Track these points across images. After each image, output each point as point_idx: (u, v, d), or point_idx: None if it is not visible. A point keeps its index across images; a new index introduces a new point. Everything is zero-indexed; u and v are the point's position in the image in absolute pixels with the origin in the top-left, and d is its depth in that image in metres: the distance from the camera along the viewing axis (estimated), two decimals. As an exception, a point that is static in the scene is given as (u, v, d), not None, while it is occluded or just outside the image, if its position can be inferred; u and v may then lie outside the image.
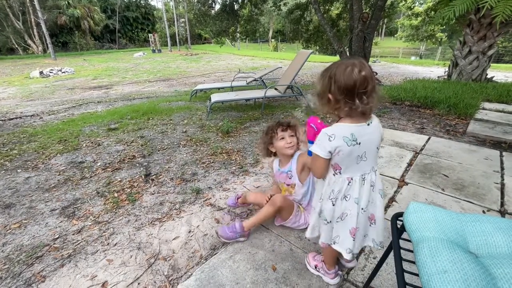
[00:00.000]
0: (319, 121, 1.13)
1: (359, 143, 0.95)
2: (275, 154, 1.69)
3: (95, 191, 2.23)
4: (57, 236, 1.71)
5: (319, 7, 7.57)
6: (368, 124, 0.97)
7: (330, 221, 1.09)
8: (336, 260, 1.28)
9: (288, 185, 1.65)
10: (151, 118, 4.27)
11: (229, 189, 2.20)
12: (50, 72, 12.38)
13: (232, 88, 5.67)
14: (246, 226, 1.54)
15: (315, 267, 1.33)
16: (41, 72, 12.13)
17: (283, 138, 1.58)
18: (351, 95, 0.89)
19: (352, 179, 1.02)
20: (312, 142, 1.17)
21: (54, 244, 1.64)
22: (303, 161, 1.54)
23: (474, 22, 5.59)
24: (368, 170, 1.02)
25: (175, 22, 30.36)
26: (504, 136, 3.06)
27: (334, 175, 1.04)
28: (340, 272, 1.30)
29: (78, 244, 1.64)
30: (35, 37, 25.08)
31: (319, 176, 1.09)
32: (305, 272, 1.35)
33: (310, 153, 1.17)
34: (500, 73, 10.03)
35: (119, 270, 1.43)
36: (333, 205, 1.06)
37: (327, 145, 0.96)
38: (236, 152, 2.89)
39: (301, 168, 1.55)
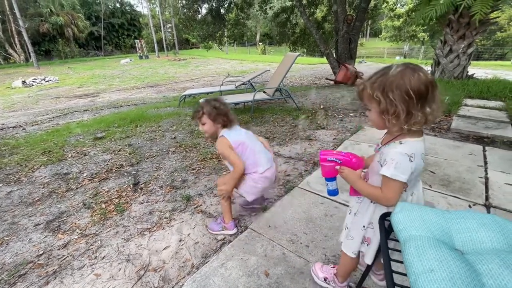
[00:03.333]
0: (335, 152, 1.03)
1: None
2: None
3: (81, 203, 2.16)
4: (41, 252, 1.65)
5: (304, 10, 7.68)
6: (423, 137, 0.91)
7: None
8: (350, 274, 1.24)
9: None
10: (139, 126, 4.20)
11: (220, 194, 2.17)
12: (33, 82, 12.04)
13: (221, 93, 5.65)
14: (225, 218, 1.71)
15: (325, 280, 1.27)
16: (23, 82, 11.78)
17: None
18: (423, 103, 0.81)
19: (413, 193, 0.98)
20: (330, 179, 1.06)
21: (38, 260, 1.58)
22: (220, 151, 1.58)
23: (453, 22, 5.79)
24: (419, 181, 1.00)
25: (162, 28, 30.15)
26: (486, 131, 3.16)
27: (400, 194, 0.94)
28: (352, 285, 1.27)
29: (64, 259, 1.58)
30: (16, 46, 24.39)
31: (394, 204, 0.88)
32: (298, 276, 1.34)
33: (331, 192, 1.08)
34: (480, 70, 10.39)
35: (107, 285, 1.38)
36: None
37: (409, 166, 0.85)
38: (226, 157, 2.87)
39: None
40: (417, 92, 0.79)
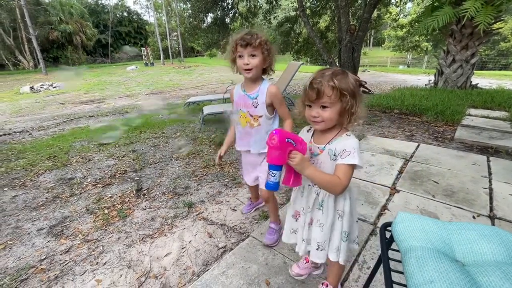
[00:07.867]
0: (290, 133, 0.92)
1: None
2: None
3: (84, 208, 2.18)
4: (44, 256, 1.66)
5: (308, 20, 7.79)
6: None
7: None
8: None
9: (251, 115, 1.39)
10: (143, 132, 4.25)
11: (222, 202, 2.18)
12: (41, 87, 12.27)
13: (224, 100, 5.70)
14: (253, 199, 2.00)
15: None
16: (31, 87, 12.01)
17: (241, 56, 1.28)
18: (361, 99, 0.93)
19: None
20: (276, 168, 0.87)
21: (40, 265, 1.59)
22: (274, 99, 1.36)
23: (456, 32, 5.83)
24: None
25: (168, 36, 30.68)
26: (491, 141, 3.14)
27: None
28: None
29: (66, 264, 1.59)
30: (26, 53, 24.96)
31: (345, 189, 0.95)
32: (299, 286, 1.33)
33: (274, 186, 0.88)
34: (485, 80, 10.36)
35: (108, 291, 1.38)
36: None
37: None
38: (229, 164, 2.88)
39: (270, 103, 1.37)
40: (360, 91, 0.94)
